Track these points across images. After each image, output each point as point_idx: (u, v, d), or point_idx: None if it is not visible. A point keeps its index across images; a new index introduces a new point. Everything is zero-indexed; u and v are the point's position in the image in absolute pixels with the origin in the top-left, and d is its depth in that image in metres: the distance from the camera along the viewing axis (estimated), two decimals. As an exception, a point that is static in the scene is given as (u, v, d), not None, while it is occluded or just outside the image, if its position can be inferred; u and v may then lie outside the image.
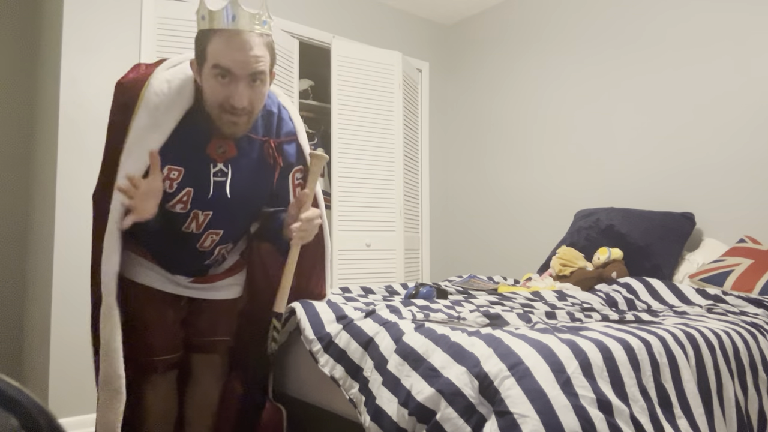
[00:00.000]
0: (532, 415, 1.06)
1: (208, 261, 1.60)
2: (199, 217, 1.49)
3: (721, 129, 2.74)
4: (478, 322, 1.49)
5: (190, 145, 1.44)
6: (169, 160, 1.41)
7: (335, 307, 1.65)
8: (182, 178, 1.45)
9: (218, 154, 1.47)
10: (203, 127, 1.44)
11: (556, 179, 3.48)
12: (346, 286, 2.25)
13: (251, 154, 1.52)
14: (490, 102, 3.94)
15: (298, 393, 1.76)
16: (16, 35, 2.98)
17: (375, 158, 3.51)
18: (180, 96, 1.41)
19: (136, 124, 1.40)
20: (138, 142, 1.39)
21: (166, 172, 1.42)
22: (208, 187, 1.47)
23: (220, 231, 1.54)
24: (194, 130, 1.43)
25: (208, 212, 1.50)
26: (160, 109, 1.39)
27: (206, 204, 1.48)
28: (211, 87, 1.35)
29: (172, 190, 1.44)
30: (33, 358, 2.73)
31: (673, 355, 1.34)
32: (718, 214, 2.71)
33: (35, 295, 2.77)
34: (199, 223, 1.50)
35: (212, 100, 1.37)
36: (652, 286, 2.16)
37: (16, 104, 2.98)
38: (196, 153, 1.45)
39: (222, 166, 1.47)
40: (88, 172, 2.59)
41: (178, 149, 1.42)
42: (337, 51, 3.46)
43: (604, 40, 3.27)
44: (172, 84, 1.41)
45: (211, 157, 1.46)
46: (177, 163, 1.43)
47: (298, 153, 1.62)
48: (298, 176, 1.64)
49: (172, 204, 1.46)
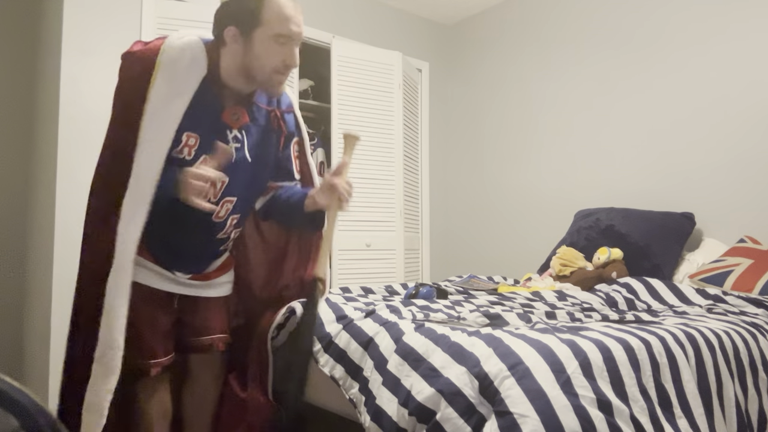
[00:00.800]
0: (532, 415, 1.06)
1: (221, 234, 1.59)
2: (216, 185, 1.51)
3: (721, 129, 2.74)
4: (478, 322, 1.49)
5: (206, 113, 1.48)
6: (186, 127, 1.44)
7: (335, 307, 1.65)
8: (199, 145, 1.48)
9: (233, 121, 1.52)
10: (217, 95, 1.49)
11: (556, 179, 3.48)
12: (346, 286, 2.25)
13: (260, 122, 1.59)
14: (490, 102, 3.94)
15: (298, 393, 1.76)
16: (16, 35, 2.98)
17: (375, 158, 3.50)
18: (195, 64, 1.45)
19: (157, 91, 1.41)
20: (162, 108, 1.41)
21: (185, 139, 1.45)
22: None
23: (234, 198, 1.57)
24: (209, 97, 1.48)
25: (224, 179, 1.52)
26: (179, 76, 1.43)
27: (222, 170, 1.51)
28: (268, 49, 1.43)
29: (191, 157, 1.47)
30: (33, 358, 2.73)
31: (673, 355, 1.34)
32: (718, 214, 2.71)
33: (35, 296, 2.77)
34: (216, 191, 1.52)
35: (267, 63, 1.44)
36: (652, 286, 2.16)
37: (16, 104, 2.98)
38: (211, 120, 1.49)
39: (237, 132, 1.53)
40: (88, 171, 2.57)
41: (195, 116, 1.45)
42: (337, 51, 3.46)
43: (604, 40, 3.27)
44: (186, 52, 1.45)
45: (227, 123, 1.51)
46: (193, 130, 1.46)
47: (296, 125, 1.71)
48: (296, 148, 1.73)
49: None
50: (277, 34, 1.42)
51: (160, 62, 1.42)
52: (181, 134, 1.44)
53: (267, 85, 1.49)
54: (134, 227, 1.41)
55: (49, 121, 2.69)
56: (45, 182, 2.71)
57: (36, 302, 2.75)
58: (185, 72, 1.44)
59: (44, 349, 2.54)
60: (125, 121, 1.46)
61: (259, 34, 1.43)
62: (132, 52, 1.49)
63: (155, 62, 1.42)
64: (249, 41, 1.44)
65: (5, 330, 2.89)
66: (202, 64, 1.46)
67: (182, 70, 1.43)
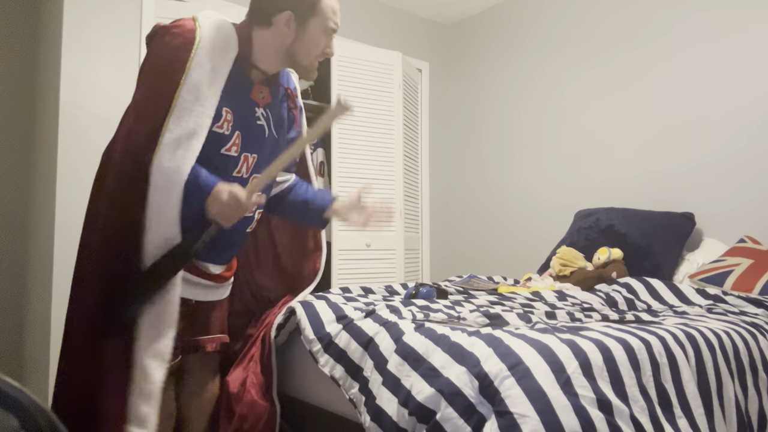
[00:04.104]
0: (532, 415, 1.06)
1: (250, 214, 1.60)
2: (249, 160, 1.55)
3: (721, 129, 2.74)
4: (478, 322, 1.49)
5: (238, 90, 1.51)
6: (224, 103, 1.47)
7: (335, 307, 1.65)
8: (234, 121, 1.50)
9: (260, 99, 1.58)
10: (248, 74, 1.54)
11: (556, 179, 3.48)
12: (346, 286, 2.24)
13: (278, 101, 1.66)
14: (490, 102, 3.94)
15: (298, 393, 1.76)
16: (16, 35, 2.98)
17: (375, 158, 3.51)
18: (230, 43, 1.48)
19: (199, 63, 1.41)
20: (207, 80, 1.41)
21: (224, 114, 1.47)
22: (256, 130, 1.56)
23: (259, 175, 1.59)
24: (241, 75, 1.51)
25: (255, 155, 1.57)
26: (217, 52, 1.45)
27: (253, 146, 1.56)
28: (318, 39, 1.52)
29: (228, 132, 1.49)
30: (33, 358, 2.73)
31: (673, 355, 1.34)
32: (718, 214, 2.71)
33: (35, 295, 2.77)
34: (249, 166, 1.56)
35: (314, 50, 1.54)
36: (652, 286, 2.16)
37: (16, 104, 2.98)
38: (242, 98, 1.53)
39: (263, 110, 1.59)
40: (88, 171, 2.58)
41: (228, 93, 1.47)
42: (337, 51, 3.45)
43: (604, 40, 3.27)
44: (221, 31, 1.47)
45: (255, 101, 1.56)
46: (229, 106, 1.49)
47: (301, 106, 1.79)
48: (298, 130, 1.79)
49: (228, 147, 1.50)
50: (329, 26, 1.52)
51: (200, 37, 1.43)
52: (221, 109, 1.46)
53: (308, 69, 1.57)
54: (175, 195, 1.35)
55: (49, 120, 2.69)
56: (45, 182, 2.71)
57: (36, 302, 2.75)
58: (222, 50, 1.46)
59: (44, 349, 2.54)
60: (159, 90, 1.41)
61: (314, 23, 1.50)
62: (166, 26, 1.47)
63: (194, 37, 1.43)
64: (303, 28, 1.50)
65: (5, 330, 2.89)
66: (234, 43, 1.49)
67: (219, 47, 1.46)
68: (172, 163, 1.34)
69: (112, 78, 2.71)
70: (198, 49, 1.41)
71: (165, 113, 1.36)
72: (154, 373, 1.34)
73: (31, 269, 2.88)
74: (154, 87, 1.42)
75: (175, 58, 1.40)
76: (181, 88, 1.38)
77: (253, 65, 1.54)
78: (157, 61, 1.45)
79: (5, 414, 0.53)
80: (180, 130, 1.36)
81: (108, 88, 2.69)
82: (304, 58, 1.54)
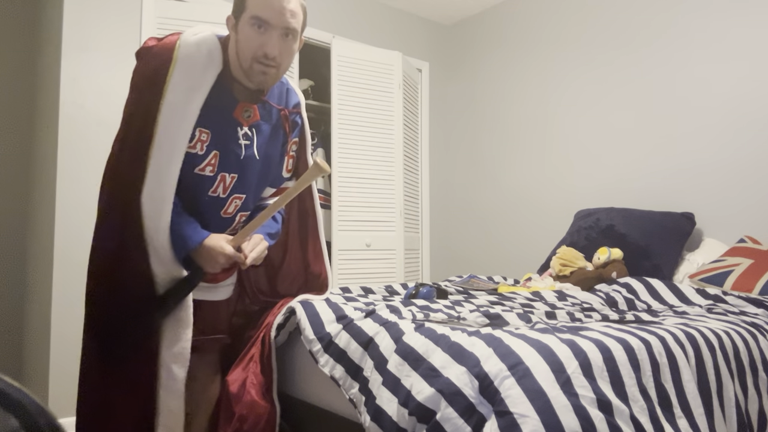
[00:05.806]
0: (532, 415, 1.05)
1: (229, 231, 1.60)
2: (226, 180, 1.52)
3: (721, 129, 2.74)
4: (478, 322, 1.49)
5: (219, 109, 1.48)
6: (199, 123, 1.44)
7: (335, 307, 1.65)
8: (210, 140, 1.48)
9: (244, 118, 1.52)
10: (231, 91, 1.49)
11: (556, 179, 3.48)
12: (346, 286, 2.25)
13: (270, 121, 1.59)
14: (490, 102, 3.94)
15: (298, 393, 1.76)
16: (16, 35, 2.98)
17: (375, 158, 3.51)
18: (211, 59, 1.45)
19: (174, 86, 1.40)
20: (180, 103, 1.40)
21: (198, 134, 1.45)
22: (236, 150, 1.51)
23: (243, 195, 1.58)
24: (223, 93, 1.48)
25: (234, 175, 1.53)
26: (196, 71, 1.42)
27: (233, 166, 1.52)
28: (247, 36, 1.41)
29: (203, 152, 1.47)
30: (33, 358, 2.73)
31: (673, 355, 1.34)
32: (718, 214, 2.71)
33: (35, 295, 2.77)
34: (226, 186, 1.53)
35: (246, 50, 1.42)
36: (652, 286, 2.15)
37: (16, 104, 2.98)
38: (223, 116, 1.49)
39: (247, 130, 1.53)
40: (88, 171, 2.59)
41: (207, 112, 1.45)
42: (337, 51, 3.46)
43: (604, 41, 3.27)
44: (202, 47, 1.44)
45: (238, 120, 1.52)
46: (206, 125, 1.46)
47: (301, 125, 1.71)
48: (293, 148, 1.72)
49: (202, 167, 1.48)
50: (252, 16, 1.39)
51: (176, 57, 1.41)
52: (195, 129, 1.44)
53: (249, 74, 1.44)
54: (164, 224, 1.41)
55: (49, 120, 2.69)
56: (45, 182, 2.71)
57: (36, 302, 2.75)
58: (202, 67, 1.43)
59: (44, 349, 2.54)
60: (141, 117, 1.43)
61: (244, 18, 1.41)
62: (148, 47, 1.47)
63: (171, 57, 1.41)
64: (238, 27, 1.43)
65: (5, 330, 2.89)
66: (217, 59, 1.45)
67: (199, 65, 1.43)
68: (157, 193, 1.40)
69: (113, 78, 2.71)
70: (174, 70, 1.40)
71: (148, 141, 1.39)
72: (177, 372, 1.45)
73: (31, 269, 2.88)
74: (137, 111, 1.45)
75: (153, 82, 1.42)
76: (160, 114, 1.39)
77: (234, 80, 1.48)
78: (137, 83, 1.48)
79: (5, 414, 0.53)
80: (162, 156, 1.39)
81: (108, 88, 2.69)
82: (242, 61, 1.43)
